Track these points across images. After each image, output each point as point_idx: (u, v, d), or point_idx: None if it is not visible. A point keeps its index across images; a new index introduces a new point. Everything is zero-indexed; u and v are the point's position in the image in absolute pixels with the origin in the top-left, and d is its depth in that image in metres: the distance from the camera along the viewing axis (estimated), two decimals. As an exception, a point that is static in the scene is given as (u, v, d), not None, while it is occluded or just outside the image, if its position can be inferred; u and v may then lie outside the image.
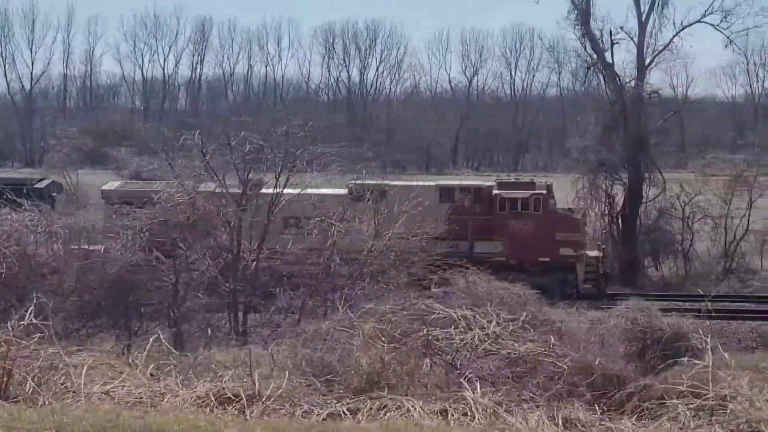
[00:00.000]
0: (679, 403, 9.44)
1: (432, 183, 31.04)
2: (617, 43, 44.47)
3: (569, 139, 48.87)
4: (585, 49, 46.81)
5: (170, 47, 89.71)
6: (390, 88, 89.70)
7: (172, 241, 18.99)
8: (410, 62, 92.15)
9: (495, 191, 29.08)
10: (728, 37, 46.76)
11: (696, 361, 10.74)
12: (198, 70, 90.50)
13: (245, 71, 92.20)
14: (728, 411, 9.06)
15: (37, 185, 31.31)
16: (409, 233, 20.63)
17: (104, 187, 30.75)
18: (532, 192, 28.96)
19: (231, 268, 18.84)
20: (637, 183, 38.87)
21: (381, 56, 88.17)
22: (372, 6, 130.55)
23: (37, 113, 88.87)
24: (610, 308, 18.00)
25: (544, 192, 29.28)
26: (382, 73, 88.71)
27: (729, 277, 34.39)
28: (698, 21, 46.67)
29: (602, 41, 44.90)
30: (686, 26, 46.86)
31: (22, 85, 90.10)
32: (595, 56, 44.46)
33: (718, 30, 46.58)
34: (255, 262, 19.31)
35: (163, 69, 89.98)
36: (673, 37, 47.37)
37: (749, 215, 36.16)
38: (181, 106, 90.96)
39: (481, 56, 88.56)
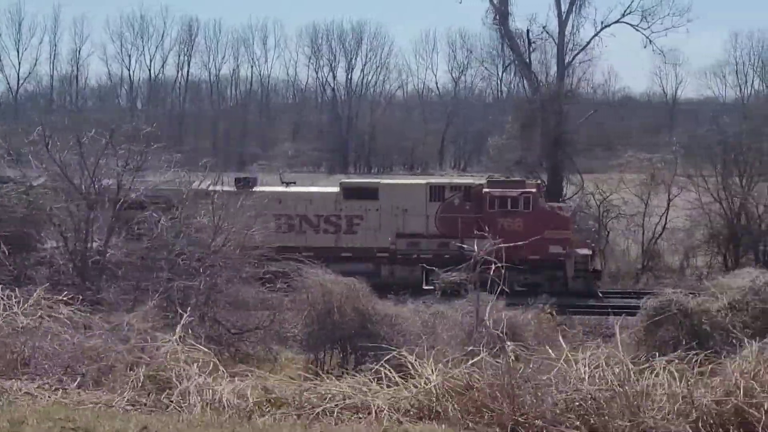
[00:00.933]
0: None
1: (422, 181, 31.35)
2: (534, 42, 45.44)
3: (490, 138, 49.79)
4: (503, 49, 47.84)
5: (157, 47, 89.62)
6: (375, 89, 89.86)
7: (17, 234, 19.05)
8: (396, 63, 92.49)
9: (485, 189, 29.32)
10: (647, 37, 48.12)
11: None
12: (185, 70, 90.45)
13: (231, 72, 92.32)
14: None
15: (34, 183, 31.21)
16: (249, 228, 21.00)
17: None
18: (522, 190, 29.21)
19: (79, 262, 18.68)
20: (556, 182, 39.40)
21: (366, 57, 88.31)
22: (357, 7, 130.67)
23: (24, 114, 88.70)
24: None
25: (534, 190, 29.58)
26: (368, 73, 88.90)
27: (646, 274, 34.81)
28: (617, 21, 47.90)
29: (521, 41, 45.92)
30: (606, 26, 48.19)
31: (9, 86, 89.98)
32: (515, 55, 45.56)
33: (638, 30, 47.88)
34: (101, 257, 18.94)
35: (150, 70, 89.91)
36: (593, 36, 48.74)
37: (667, 214, 36.54)
38: (169, 106, 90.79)
39: (467, 57, 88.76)
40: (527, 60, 45.60)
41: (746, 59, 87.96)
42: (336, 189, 30.11)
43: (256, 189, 30.23)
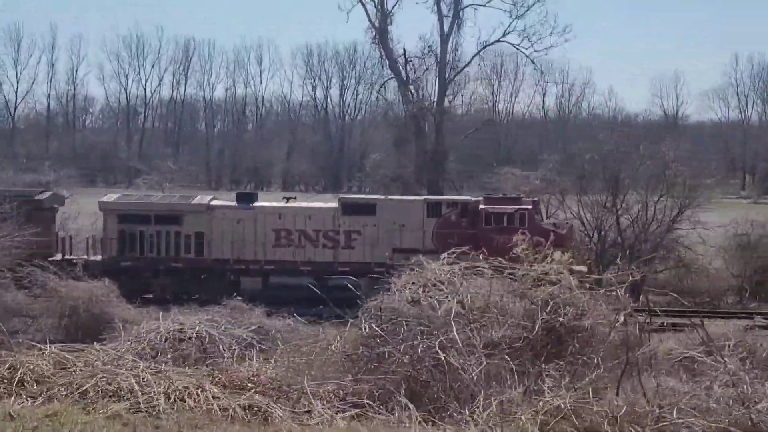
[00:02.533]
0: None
1: (420, 198, 31.75)
2: (410, 60, 46.56)
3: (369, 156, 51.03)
4: (383, 67, 49.20)
5: (153, 67, 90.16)
6: (368, 109, 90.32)
7: None
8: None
9: (481, 206, 29.63)
10: (528, 56, 49.48)
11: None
12: (181, 89, 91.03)
13: (225, 91, 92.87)
14: None
15: (39, 197, 31.64)
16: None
17: (102, 199, 31.42)
18: (518, 207, 29.55)
19: None
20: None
21: (360, 76, 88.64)
22: (350, 27, 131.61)
23: (21, 133, 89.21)
24: None
25: (530, 207, 29.95)
26: (362, 93, 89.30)
27: None
28: (498, 41, 49.11)
29: (400, 59, 47.20)
30: (487, 45, 49.43)
31: (7, 105, 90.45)
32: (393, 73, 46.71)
33: (518, 49, 49.31)
34: None
35: (145, 89, 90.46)
36: (475, 55, 49.99)
37: None
38: (163, 126, 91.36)
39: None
40: (404, 78, 46.91)
41: (747, 81, 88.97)
42: (335, 205, 30.56)
43: (257, 204, 30.72)
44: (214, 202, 30.91)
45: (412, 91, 47.21)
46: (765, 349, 15.84)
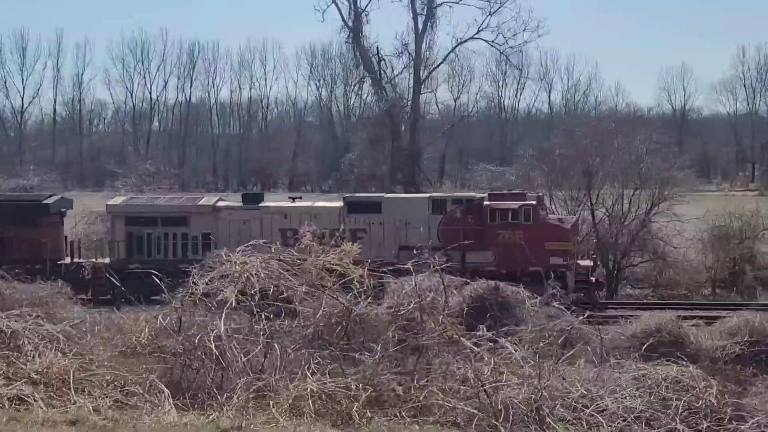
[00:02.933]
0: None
1: (425, 195, 31.88)
2: (383, 60, 47.00)
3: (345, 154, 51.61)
4: (358, 66, 49.84)
5: (158, 69, 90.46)
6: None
7: None
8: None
9: (486, 202, 29.76)
10: (502, 53, 50.07)
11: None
12: (188, 92, 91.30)
13: (230, 93, 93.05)
14: None
15: (46, 201, 31.87)
16: None
17: (109, 203, 31.61)
18: (522, 203, 29.62)
19: None
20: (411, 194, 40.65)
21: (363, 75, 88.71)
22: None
23: (28, 138, 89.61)
24: None
25: (534, 203, 30.03)
26: (366, 91, 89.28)
27: None
28: (472, 38, 49.60)
29: (375, 58, 47.69)
30: (461, 42, 49.79)
31: (14, 110, 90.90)
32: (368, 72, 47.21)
33: (493, 46, 49.76)
34: None
35: (150, 93, 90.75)
36: (449, 53, 50.38)
37: None
38: (170, 129, 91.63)
39: (464, 76, 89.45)
40: (378, 77, 47.36)
41: (754, 73, 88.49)
42: (340, 203, 30.71)
43: (263, 204, 30.89)
44: (220, 203, 31.10)
45: (387, 89, 47.78)
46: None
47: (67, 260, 30.45)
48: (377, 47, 47.08)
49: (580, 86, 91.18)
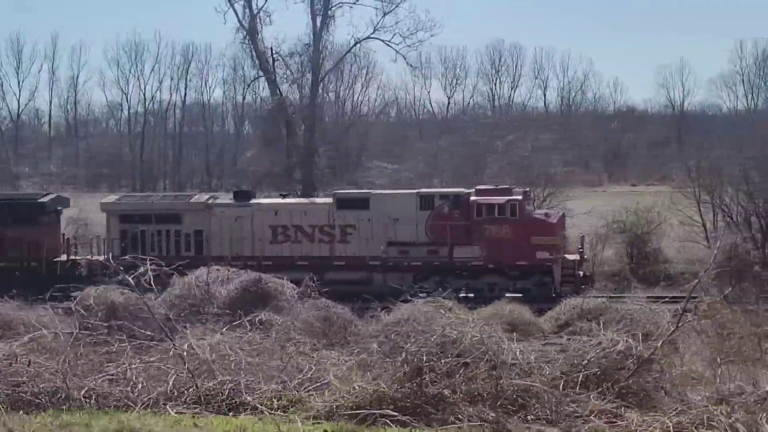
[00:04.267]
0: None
1: (413, 191, 32.30)
2: (278, 60, 48.14)
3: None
4: (255, 67, 51.07)
5: (151, 71, 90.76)
6: (363, 108, 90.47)
7: None
8: (384, 81, 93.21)
9: (472, 197, 29.95)
10: (398, 52, 51.55)
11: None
12: (183, 93, 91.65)
13: (223, 94, 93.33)
14: None
15: (42, 200, 32.45)
16: None
17: (104, 200, 32.23)
18: (508, 198, 29.99)
19: None
20: (308, 193, 41.72)
21: (355, 75, 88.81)
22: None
23: (24, 140, 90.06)
24: None
25: (520, 198, 30.39)
26: (358, 92, 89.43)
27: None
28: (369, 37, 50.74)
29: (270, 58, 48.85)
30: (358, 42, 51.07)
31: (10, 113, 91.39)
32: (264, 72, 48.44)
33: (389, 45, 51.05)
34: None
35: (144, 94, 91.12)
36: (347, 52, 51.63)
37: None
38: (166, 131, 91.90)
39: (457, 74, 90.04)
40: (274, 77, 48.51)
41: (752, 68, 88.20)
42: (329, 200, 31.26)
43: (254, 201, 31.48)
44: (213, 201, 31.69)
45: (281, 89, 49.19)
46: None
47: (64, 257, 31.05)
48: (272, 48, 48.42)
49: (577, 83, 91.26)
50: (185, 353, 11.83)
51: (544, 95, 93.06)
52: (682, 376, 12.03)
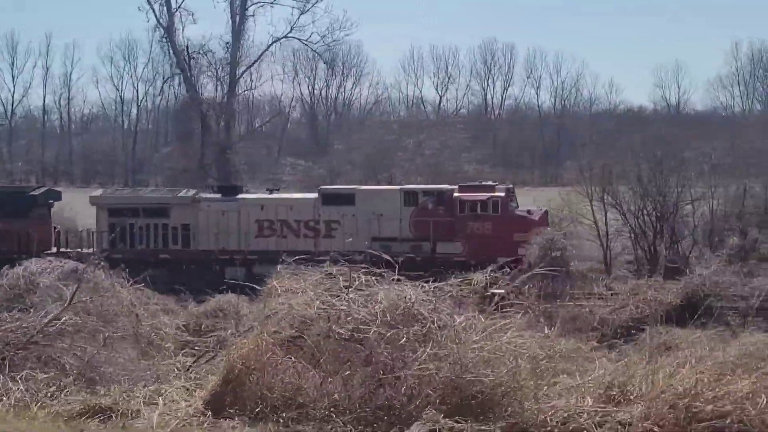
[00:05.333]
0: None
1: (397, 187, 32.84)
2: (194, 58, 49.32)
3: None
4: (171, 66, 52.24)
5: (144, 69, 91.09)
6: (357, 105, 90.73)
7: None
8: (375, 80, 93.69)
9: (456, 194, 30.42)
10: (315, 51, 52.87)
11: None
12: (176, 90, 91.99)
13: (216, 91, 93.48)
14: None
15: (33, 192, 32.92)
16: None
17: (93, 194, 32.73)
18: (491, 194, 30.46)
19: None
20: (227, 189, 43.12)
21: (346, 73, 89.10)
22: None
23: (18, 136, 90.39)
24: None
25: (503, 195, 30.90)
26: (350, 90, 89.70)
27: None
28: (286, 36, 52.02)
29: (186, 56, 50.00)
30: (276, 41, 52.37)
31: (5, 110, 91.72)
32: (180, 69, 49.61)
33: (306, 44, 52.37)
34: None
35: (137, 90, 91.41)
36: (264, 51, 52.97)
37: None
38: (156, 127, 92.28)
39: (448, 72, 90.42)
40: (189, 74, 49.61)
41: (747, 69, 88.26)
42: (315, 195, 31.78)
43: (240, 196, 32.00)
44: (200, 195, 32.19)
45: (197, 86, 50.45)
46: None
47: (54, 250, 31.49)
48: (187, 45, 49.58)
49: (570, 84, 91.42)
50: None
51: (537, 95, 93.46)
52: None
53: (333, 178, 43.81)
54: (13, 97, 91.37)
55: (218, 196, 32.21)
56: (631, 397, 8.78)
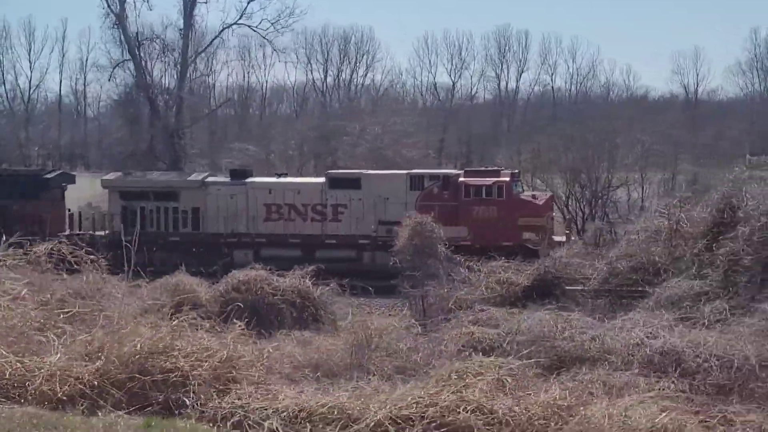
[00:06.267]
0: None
1: (403, 172, 33.18)
2: (143, 44, 50.07)
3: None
4: (123, 53, 53.07)
5: (158, 56, 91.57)
6: (368, 93, 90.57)
7: None
8: (388, 66, 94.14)
9: (461, 179, 30.77)
10: (264, 38, 53.65)
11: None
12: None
13: (227, 77, 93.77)
14: None
15: (47, 176, 33.57)
16: None
17: (105, 177, 33.29)
18: (496, 179, 30.76)
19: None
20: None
21: (358, 60, 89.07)
22: (349, 11, 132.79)
23: (35, 121, 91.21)
24: None
25: (507, 179, 31.20)
26: (362, 77, 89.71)
27: None
28: (235, 23, 52.83)
29: (137, 42, 50.83)
30: (226, 27, 53.14)
31: (21, 94, 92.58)
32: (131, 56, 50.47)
33: (256, 31, 53.22)
34: None
35: (151, 78, 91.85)
36: (215, 38, 53.78)
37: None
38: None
39: (463, 58, 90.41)
40: (139, 60, 50.53)
41: (765, 54, 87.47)
42: (322, 179, 32.20)
43: (249, 180, 32.45)
44: (209, 179, 32.68)
45: (148, 72, 51.39)
46: None
47: (67, 231, 32.12)
48: (137, 32, 50.52)
49: (586, 70, 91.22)
50: None
51: (552, 80, 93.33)
52: None
53: (278, 164, 45.19)
54: (30, 82, 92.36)
55: (227, 179, 32.66)
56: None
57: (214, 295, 17.58)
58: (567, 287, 19.84)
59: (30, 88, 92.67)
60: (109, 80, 58.99)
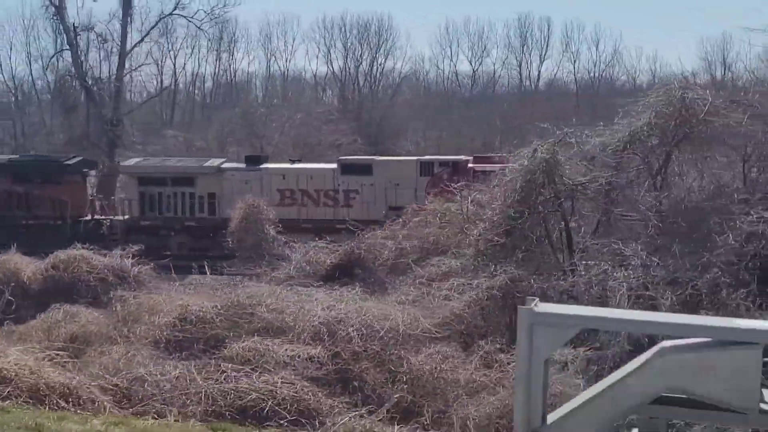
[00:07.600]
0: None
1: (413, 158, 33.91)
2: (80, 34, 51.16)
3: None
4: (60, 43, 54.16)
5: (181, 44, 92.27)
6: (389, 81, 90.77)
7: None
8: (409, 54, 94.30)
9: (470, 165, 31.45)
10: (198, 27, 54.77)
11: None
12: (216, 66, 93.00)
13: (248, 66, 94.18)
14: None
15: (67, 161, 34.50)
16: None
17: (124, 163, 34.21)
18: (504, 165, 31.48)
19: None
20: (111, 155, 47.13)
21: (379, 48, 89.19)
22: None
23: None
24: None
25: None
26: (381, 64, 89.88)
27: None
28: (171, 13, 53.97)
29: (74, 33, 51.82)
30: (162, 18, 54.31)
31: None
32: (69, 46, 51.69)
33: (191, 21, 54.39)
34: None
35: (174, 65, 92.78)
36: (151, 29, 54.98)
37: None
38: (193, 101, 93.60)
39: (485, 46, 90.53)
40: (77, 50, 51.75)
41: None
42: (334, 165, 32.97)
43: (263, 166, 33.27)
44: (225, 165, 33.53)
45: (86, 62, 52.99)
46: None
47: (89, 217, 33.13)
48: (74, 24, 51.81)
49: (609, 56, 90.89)
50: None
51: (574, 68, 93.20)
52: None
53: (212, 150, 47.16)
54: (31, 69, 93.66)
55: (242, 165, 33.48)
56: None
57: (35, 273, 18.88)
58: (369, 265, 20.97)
59: (31, 75, 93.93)
60: (46, 70, 61.37)
